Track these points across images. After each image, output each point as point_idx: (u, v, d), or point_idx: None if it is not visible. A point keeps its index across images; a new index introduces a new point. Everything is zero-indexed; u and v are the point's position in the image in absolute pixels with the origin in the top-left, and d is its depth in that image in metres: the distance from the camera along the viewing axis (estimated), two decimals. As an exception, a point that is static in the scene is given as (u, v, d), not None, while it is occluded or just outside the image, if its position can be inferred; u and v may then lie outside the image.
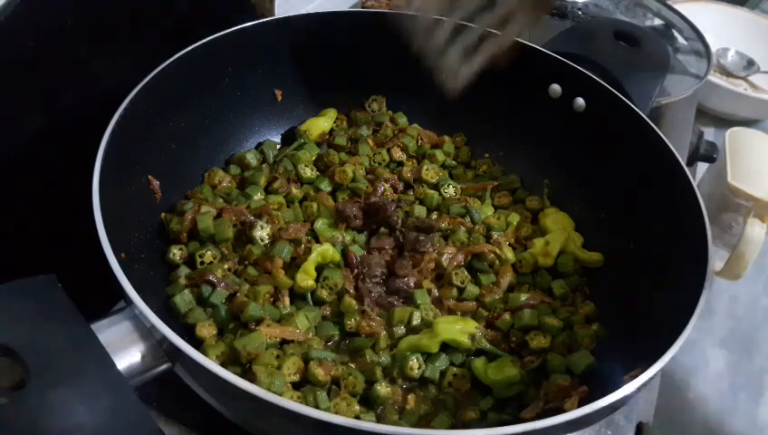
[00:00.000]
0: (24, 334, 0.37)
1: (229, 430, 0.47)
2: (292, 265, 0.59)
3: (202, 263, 0.58)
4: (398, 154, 0.73)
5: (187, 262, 0.59)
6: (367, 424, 0.38)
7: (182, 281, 0.57)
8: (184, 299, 0.55)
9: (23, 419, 0.34)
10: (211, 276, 0.56)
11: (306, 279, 0.58)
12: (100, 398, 0.36)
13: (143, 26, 0.59)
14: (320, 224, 0.63)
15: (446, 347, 0.56)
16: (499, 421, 0.52)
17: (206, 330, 0.54)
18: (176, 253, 0.59)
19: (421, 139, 0.74)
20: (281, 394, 0.48)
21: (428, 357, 0.55)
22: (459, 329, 0.56)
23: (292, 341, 0.54)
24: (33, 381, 0.35)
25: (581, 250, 0.65)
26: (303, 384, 0.52)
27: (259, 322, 0.54)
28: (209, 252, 0.59)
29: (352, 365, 0.55)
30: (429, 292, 0.60)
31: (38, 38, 0.50)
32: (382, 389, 0.52)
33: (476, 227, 0.67)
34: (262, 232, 0.60)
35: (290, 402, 0.38)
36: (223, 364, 0.48)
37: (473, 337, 0.56)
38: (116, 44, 0.57)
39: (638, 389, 0.42)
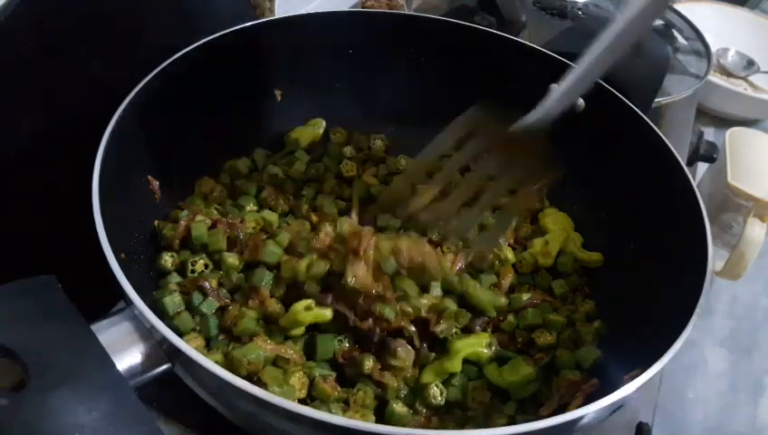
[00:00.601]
0: (24, 335, 0.37)
1: (229, 430, 0.47)
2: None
3: (193, 271, 0.58)
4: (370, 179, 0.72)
5: (178, 270, 0.58)
6: (367, 424, 0.38)
7: (172, 286, 0.55)
8: (173, 301, 0.54)
9: (23, 420, 0.34)
10: (205, 283, 0.55)
11: (295, 325, 0.54)
12: (100, 399, 0.36)
13: (143, 26, 0.59)
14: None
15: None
16: (525, 420, 0.52)
17: (194, 342, 0.52)
18: (167, 259, 0.58)
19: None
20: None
21: (446, 380, 0.54)
22: (476, 341, 0.56)
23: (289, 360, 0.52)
24: (33, 381, 0.35)
25: (581, 250, 0.65)
26: (310, 401, 0.51)
27: (252, 336, 0.52)
28: (201, 261, 0.58)
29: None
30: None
31: (38, 38, 0.50)
32: (398, 407, 0.51)
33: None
34: (232, 260, 0.58)
35: (290, 403, 0.38)
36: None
37: (490, 346, 0.56)
38: (116, 44, 0.57)
39: (638, 389, 0.42)
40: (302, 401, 0.51)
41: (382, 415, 0.52)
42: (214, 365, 0.39)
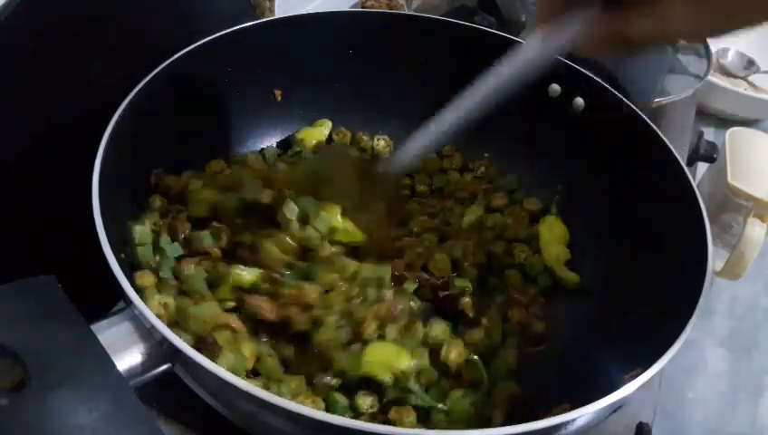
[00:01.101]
0: (24, 335, 0.37)
1: (229, 430, 0.47)
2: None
3: (174, 217, 0.58)
4: None
5: (162, 214, 0.59)
6: (366, 424, 0.38)
7: (147, 220, 0.56)
8: (143, 231, 0.54)
9: (23, 420, 0.34)
10: (179, 226, 0.56)
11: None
12: (100, 398, 0.36)
13: (143, 26, 0.59)
14: None
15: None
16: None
17: (146, 279, 0.53)
18: (156, 200, 0.59)
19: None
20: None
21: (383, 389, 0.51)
22: (385, 362, 0.50)
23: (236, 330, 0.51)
24: (33, 381, 0.35)
25: (561, 267, 0.65)
26: (254, 376, 0.51)
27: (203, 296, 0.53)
28: (186, 213, 0.59)
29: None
30: None
31: (38, 38, 0.50)
32: (340, 398, 0.51)
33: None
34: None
35: (290, 403, 0.38)
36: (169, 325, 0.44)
37: (398, 376, 0.50)
38: (116, 44, 0.57)
39: (638, 389, 0.42)
40: (248, 373, 0.50)
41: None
42: (214, 365, 0.39)
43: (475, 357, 0.55)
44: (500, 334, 0.59)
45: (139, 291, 0.48)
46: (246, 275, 0.54)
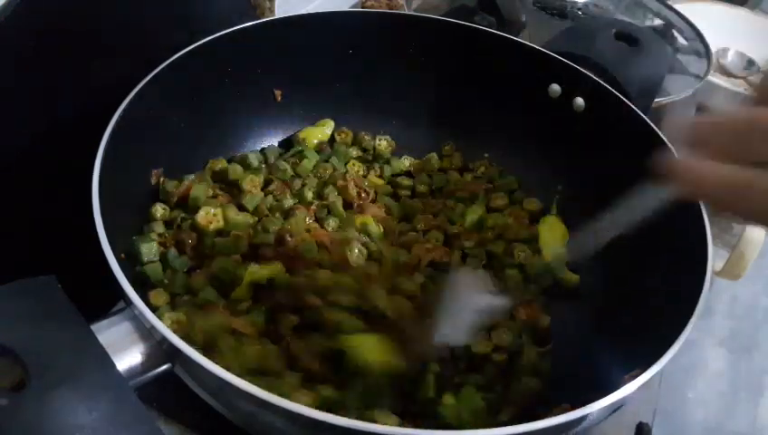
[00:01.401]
0: (25, 335, 0.37)
1: (229, 430, 0.47)
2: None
3: (179, 227, 0.59)
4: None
5: (165, 223, 0.60)
6: (366, 425, 0.38)
7: (153, 235, 0.57)
8: (150, 249, 0.56)
9: (23, 420, 0.34)
10: (185, 238, 0.57)
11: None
12: (100, 399, 0.36)
13: (143, 26, 0.59)
14: None
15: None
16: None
17: (160, 298, 0.54)
18: (158, 208, 0.60)
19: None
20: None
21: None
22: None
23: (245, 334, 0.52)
24: (33, 381, 0.35)
25: (561, 267, 0.65)
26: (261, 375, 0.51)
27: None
28: (190, 221, 0.59)
29: None
30: None
31: (38, 38, 0.50)
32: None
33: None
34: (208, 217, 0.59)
35: (290, 403, 0.38)
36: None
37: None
38: (116, 44, 0.57)
39: (638, 389, 0.42)
40: (252, 371, 0.50)
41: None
42: (214, 365, 0.39)
43: (504, 356, 0.57)
44: (518, 332, 0.59)
45: (154, 310, 0.50)
46: (262, 270, 0.55)
